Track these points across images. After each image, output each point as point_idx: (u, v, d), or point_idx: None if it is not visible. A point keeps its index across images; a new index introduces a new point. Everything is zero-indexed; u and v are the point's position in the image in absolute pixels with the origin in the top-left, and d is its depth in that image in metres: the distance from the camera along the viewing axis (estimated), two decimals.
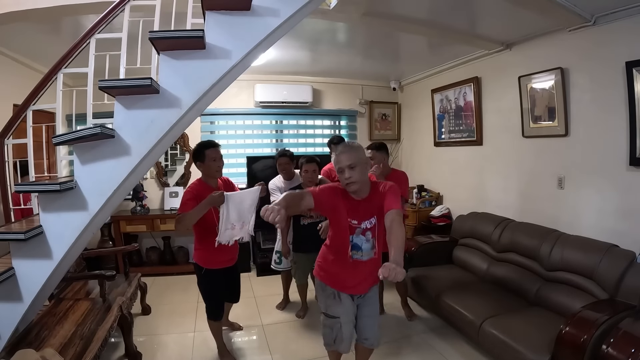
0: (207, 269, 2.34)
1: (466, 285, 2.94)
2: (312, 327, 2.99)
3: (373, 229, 1.78)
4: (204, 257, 2.34)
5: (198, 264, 2.35)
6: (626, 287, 2.13)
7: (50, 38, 2.87)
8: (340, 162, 1.72)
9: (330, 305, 1.94)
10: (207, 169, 2.31)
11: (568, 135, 2.79)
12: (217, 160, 2.31)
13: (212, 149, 2.30)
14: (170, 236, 4.37)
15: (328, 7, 2.39)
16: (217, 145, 2.34)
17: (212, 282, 2.37)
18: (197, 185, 2.33)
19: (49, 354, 1.64)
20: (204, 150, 2.28)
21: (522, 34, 3.07)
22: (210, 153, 2.29)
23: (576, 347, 1.80)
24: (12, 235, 1.62)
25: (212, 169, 2.31)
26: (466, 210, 3.74)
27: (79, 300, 2.50)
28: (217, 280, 2.38)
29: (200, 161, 2.29)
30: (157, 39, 1.64)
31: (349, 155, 1.71)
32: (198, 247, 2.37)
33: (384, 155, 2.78)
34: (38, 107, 1.94)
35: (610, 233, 2.43)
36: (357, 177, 1.70)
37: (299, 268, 3.06)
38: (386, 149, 2.85)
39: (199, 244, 2.36)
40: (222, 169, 2.39)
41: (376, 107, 5.16)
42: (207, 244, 2.29)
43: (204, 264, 2.34)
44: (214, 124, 4.66)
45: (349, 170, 1.70)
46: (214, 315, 2.43)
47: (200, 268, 2.35)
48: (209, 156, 2.28)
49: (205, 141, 2.34)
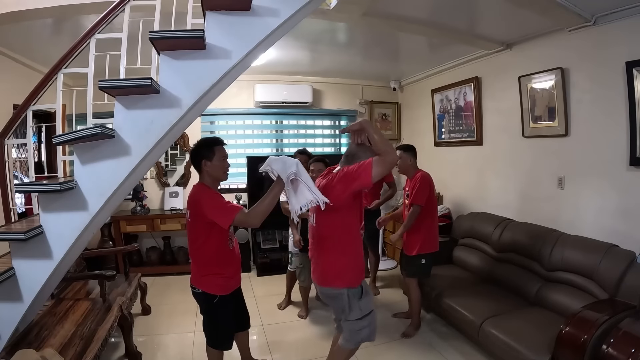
0: (221, 296, 1.96)
1: (466, 285, 2.94)
2: (312, 327, 3.00)
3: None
4: (220, 284, 1.96)
5: (208, 292, 1.94)
6: (626, 287, 2.13)
7: (50, 38, 2.87)
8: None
9: (369, 302, 1.90)
10: (215, 170, 1.93)
11: (568, 135, 2.79)
12: (226, 160, 1.98)
13: (222, 146, 1.97)
14: (170, 236, 4.38)
15: (328, 7, 2.39)
16: (225, 143, 2.02)
17: (226, 309, 2.01)
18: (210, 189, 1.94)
19: (49, 354, 1.64)
20: (213, 147, 1.93)
21: (522, 34, 3.07)
22: (221, 150, 1.95)
23: (576, 347, 1.80)
24: (12, 235, 1.62)
25: (220, 169, 1.95)
26: (466, 210, 3.74)
27: (79, 300, 2.50)
28: (230, 306, 2.04)
29: (208, 159, 1.91)
30: (157, 39, 1.64)
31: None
32: (210, 273, 1.94)
33: (409, 157, 2.86)
34: (38, 107, 1.94)
35: (610, 233, 2.43)
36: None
37: (305, 269, 3.07)
38: (412, 151, 2.91)
39: (213, 268, 1.94)
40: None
41: (376, 107, 5.16)
42: (223, 268, 1.96)
43: (218, 291, 1.95)
44: (214, 124, 4.67)
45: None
46: (224, 345, 2.05)
47: (211, 297, 1.94)
48: (219, 154, 1.94)
49: (211, 137, 2.01)
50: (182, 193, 4.43)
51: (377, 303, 3.47)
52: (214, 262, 1.93)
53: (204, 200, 1.84)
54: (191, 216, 1.91)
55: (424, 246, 2.76)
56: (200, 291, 1.95)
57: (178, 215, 4.17)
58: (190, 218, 1.92)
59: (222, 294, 1.96)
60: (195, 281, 1.97)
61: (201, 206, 1.84)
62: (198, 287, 1.95)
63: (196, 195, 1.90)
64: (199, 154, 1.93)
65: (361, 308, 1.84)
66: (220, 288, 1.96)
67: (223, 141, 1.99)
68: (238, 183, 4.65)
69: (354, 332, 1.87)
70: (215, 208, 1.80)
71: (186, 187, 4.52)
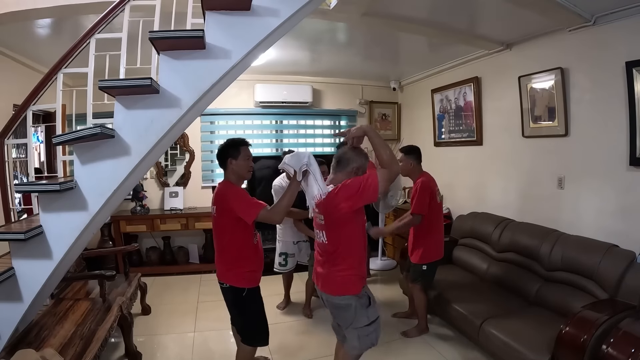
0: (249, 288, 1.99)
1: (466, 285, 2.94)
2: (312, 327, 3.00)
3: None
4: (246, 277, 1.99)
5: (237, 286, 1.97)
6: (626, 287, 2.13)
7: (50, 38, 2.87)
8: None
9: (375, 309, 1.88)
10: (240, 168, 2.01)
11: (568, 135, 2.79)
12: (250, 159, 2.06)
13: (247, 146, 2.06)
14: (170, 236, 4.38)
15: (328, 7, 2.39)
16: (250, 144, 2.10)
17: (256, 302, 2.04)
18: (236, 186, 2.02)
19: (49, 354, 1.64)
20: (239, 147, 2.01)
21: (522, 34, 3.07)
22: (246, 150, 2.04)
23: (576, 347, 1.80)
24: (12, 235, 1.62)
25: (244, 168, 2.03)
26: (466, 210, 3.74)
27: (79, 300, 2.50)
28: (260, 299, 2.06)
29: (234, 158, 1.99)
30: (157, 39, 1.64)
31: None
32: (236, 267, 1.98)
33: (411, 160, 2.74)
34: (38, 107, 1.94)
35: (610, 233, 2.43)
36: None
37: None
38: (415, 153, 2.79)
39: (239, 262, 1.98)
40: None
41: (376, 107, 5.16)
42: (248, 262, 2.00)
43: (246, 284, 1.98)
44: (214, 124, 4.67)
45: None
46: (258, 340, 2.06)
47: (240, 290, 1.97)
48: (244, 153, 2.02)
49: (237, 138, 2.07)
50: (182, 193, 4.43)
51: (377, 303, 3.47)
52: (239, 256, 1.98)
53: (230, 196, 1.91)
54: (217, 212, 1.97)
55: (426, 255, 2.69)
56: (228, 286, 1.98)
57: (178, 215, 4.17)
58: (217, 214, 1.98)
59: (250, 286, 2.00)
60: (223, 276, 2.01)
61: (228, 201, 1.91)
62: (226, 282, 1.99)
63: (223, 191, 1.97)
64: (226, 153, 2.01)
65: (369, 316, 1.83)
66: (247, 281, 1.99)
67: (248, 142, 2.08)
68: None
69: (363, 337, 1.84)
70: (241, 203, 1.89)
71: (186, 187, 4.53)
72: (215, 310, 3.25)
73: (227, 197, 1.92)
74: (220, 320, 3.03)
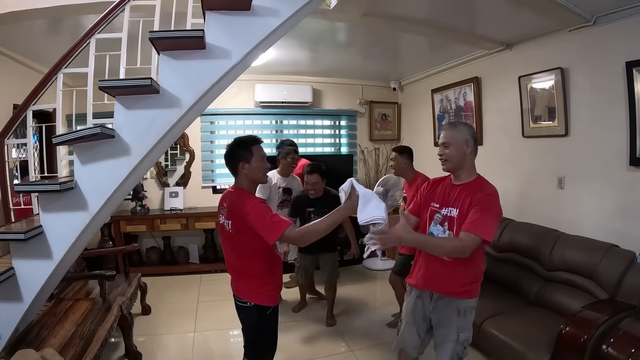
0: (274, 306, 1.80)
1: None
2: (312, 327, 2.99)
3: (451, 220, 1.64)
4: (273, 294, 1.79)
5: (264, 304, 1.75)
6: (626, 287, 2.13)
7: (50, 38, 2.87)
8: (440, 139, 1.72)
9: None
10: (254, 172, 1.72)
11: (568, 135, 2.79)
12: (265, 159, 1.77)
13: (259, 145, 1.76)
14: (170, 236, 4.37)
15: (328, 7, 2.39)
16: (262, 141, 1.80)
17: (276, 319, 1.85)
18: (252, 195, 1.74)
19: (49, 354, 1.64)
20: (250, 147, 1.72)
21: (522, 34, 3.06)
22: (259, 150, 1.74)
23: (576, 347, 1.80)
24: (12, 235, 1.62)
25: (260, 171, 1.74)
26: None
27: (79, 300, 2.50)
28: (277, 314, 1.87)
29: (245, 161, 1.71)
30: (157, 39, 1.64)
31: (446, 132, 1.69)
32: (264, 284, 1.74)
33: (404, 159, 2.85)
34: (38, 107, 1.94)
35: (610, 233, 2.43)
36: (448, 155, 1.66)
37: (302, 268, 3.09)
38: (408, 153, 2.89)
39: (266, 278, 1.75)
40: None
41: (376, 107, 5.16)
42: (275, 276, 1.81)
43: (272, 302, 1.78)
44: (214, 124, 4.66)
45: (443, 148, 1.68)
46: (272, 356, 1.87)
47: (265, 309, 1.76)
48: (257, 154, 1.73)
49: (246, 136, 1.79)
50: (182, 193, 4.43)
51: (377, 303, 3.48)
52: (267, 273, 1.75)
53: (248, 212, 1.61)
54: (234, 228, 1.69)
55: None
56: (252, 305, 1.73)
57: (178, 215, 4.17)
58: (233, 230, 1.69)
59: (275, 304, 1.80)
60: (246, 295, 1.75)
61: (245, 217, 1.61)
62: (250, 301, 1.74)
63: (237, 203, 1.67)
64: (235, 156, 1.73)
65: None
66: (274, 298, 1.79)
67: (260, 139, 1.79)
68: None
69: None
70: (262, 221, 1.58)
71: (186, 187, 4.53)
72: (215, 310, 3.25)
73: (245, 212, 1.61)
74: (220, 320, 3.04)
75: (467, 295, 1.67)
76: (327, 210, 1.70)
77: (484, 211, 1.56)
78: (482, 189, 1.65)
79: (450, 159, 1.66)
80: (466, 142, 1.65)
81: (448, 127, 1.72)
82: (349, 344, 2.72)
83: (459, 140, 1.65)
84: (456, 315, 1.67)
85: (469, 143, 1.66)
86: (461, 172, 1.69)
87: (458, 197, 1.66)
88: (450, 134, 1.67)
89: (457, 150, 1.65)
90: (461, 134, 1.66)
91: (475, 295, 1.71)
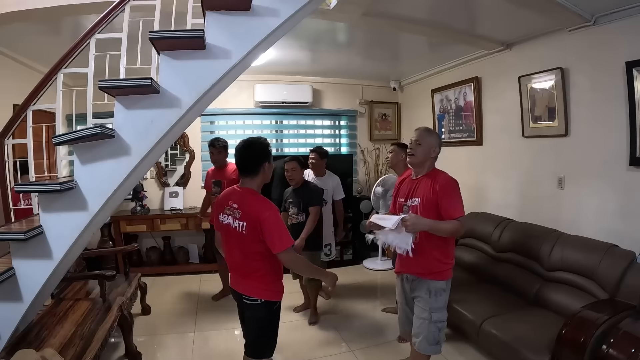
0: (280, 301, 1.85)
1: (466, 285, 2.93)
2: (313, 327, 2.99)
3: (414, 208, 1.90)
4: (280, 289, 1.84)
5: (273, 300, 1.79)
6: (626, 287, 2.13)
7: (51, 38, 2.87)
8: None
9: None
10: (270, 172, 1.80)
11: (568, 135, 2.79)
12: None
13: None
14: (170, 236, 4.37)
15: (328, 7, 2.39)
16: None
17: (279, 313, 1.89)
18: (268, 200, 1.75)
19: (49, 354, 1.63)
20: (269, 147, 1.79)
21: (522, 34, 3.07)
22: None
23: (576, 347, 1.80)
24: (12, 235, 1.62)
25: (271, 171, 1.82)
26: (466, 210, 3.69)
27: (79, 300, 2.50)
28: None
29: (269, 161, 1.77)
30: (157, 39, 1.64)
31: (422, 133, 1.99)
32: (274, 280, 1.80)
33: (402, 153, 2.87)
34: (38, 107, 1.94)
35: (610, 233, 2.43)
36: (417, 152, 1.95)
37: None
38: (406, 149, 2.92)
39: (276, 275, 1.80)
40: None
41: (376, 107, 5.16)
42: (281, 271, 1.84)
43: (279, 297, 1.84)
44: (214, 124, 4.67)
45: (415, 144, 1.96)
46: (271, 352, 1.90)
47: (273, 304, 1.80)
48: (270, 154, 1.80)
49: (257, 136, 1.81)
50: (182, 193, 4.43)
51: (377, 303, 3.47)
52: (275, 270, 1.79)
53: (267, 217, 1.64)
54: (248, 229, 1.69)
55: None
56: (262, 301, 1.76)
57: (178, 215, 4.17)
58: (247, 231, 1.69)
59: (280, 298, 1.84)
60: (257, 293, 1.76)
61: (262, 222, 1.64)
62: (261, 298, 1.76)
63: (256, 207, 1.68)
64: (264, 155, 1.75)
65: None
66: (281, 293, 1.84)
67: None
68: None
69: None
70: (275, 232, 1.65)
71: (186, 187, 4.53)
72: (215, 310, 3.25)
73: (263, 218, 1.64)
74: (220, 320, 3.04)
75: (437, 276, 1.90)
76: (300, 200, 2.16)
77: (448, 196, 1.88)
78: (437, 176, 1.93)
79: (418, 155, 1.96)
80: (434, 147, 1.97)
81: (424, 130, 2.02)
82: (349, 344, 2.72)
83: (429, 144, 1.96)
84: (428, 295, 1.89)
85: (436, 150, 1.99)
86: (421, 169, 1.98)
87: (417, 188, 1.96)
88: (425, 135, 1.98)
89: (426, 150, 1.95)
90: (432, 139, 1.98)
91: (446, 278, 1.93)
